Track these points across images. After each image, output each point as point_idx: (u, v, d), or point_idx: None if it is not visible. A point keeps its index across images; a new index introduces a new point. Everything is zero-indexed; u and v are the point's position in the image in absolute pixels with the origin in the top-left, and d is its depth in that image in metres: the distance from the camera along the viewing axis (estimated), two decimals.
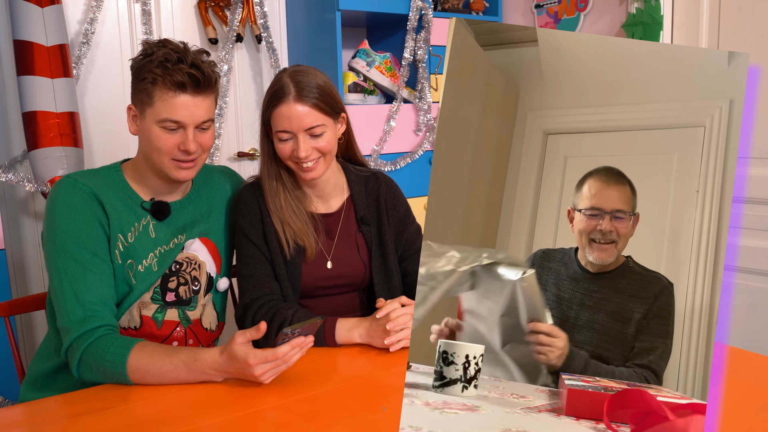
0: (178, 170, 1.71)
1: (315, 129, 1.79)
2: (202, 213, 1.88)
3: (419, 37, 3.37)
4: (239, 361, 1.46)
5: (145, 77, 1.64)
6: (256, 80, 3.43)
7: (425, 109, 3.43)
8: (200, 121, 1.69)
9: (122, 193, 1.75)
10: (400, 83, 3.36)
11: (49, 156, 2.60)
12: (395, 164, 3.36)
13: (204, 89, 1.67)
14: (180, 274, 1.82)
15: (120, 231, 1.70)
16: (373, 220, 2.00)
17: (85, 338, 1.56)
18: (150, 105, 1.65)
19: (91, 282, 1.62)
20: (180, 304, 1.82)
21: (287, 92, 1.78)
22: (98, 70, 3.03)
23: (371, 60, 3.35)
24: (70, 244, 1.62)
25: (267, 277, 1.87)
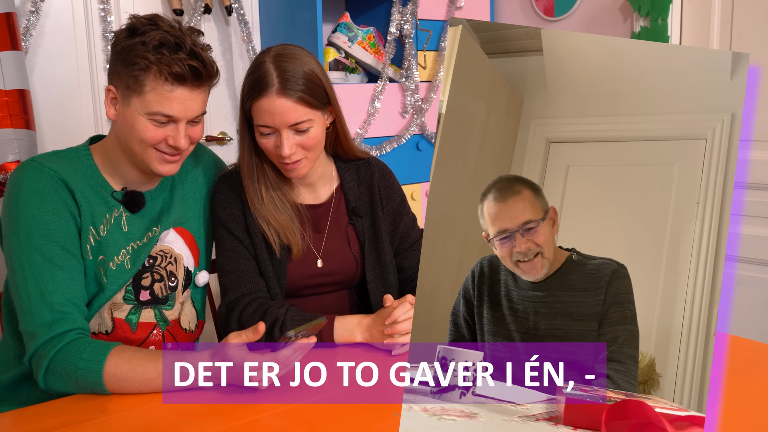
0: (162, 164, 1.71)
1: (300, 125, 1.79)
2: (174, 198, 1.88)
3: (406, 9, 3.41)
4: (234, 367, 1.44)
5: (135, 62, 1.61)
6: (225, 56, 3.44)
7: (412, 89, 3.48)
8: (194, 116, 1.69)
9: (92, 180, 1.73)
10: (385, 61, 3.40)
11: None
12: (381, 149, 3.42)
13: (203, 83, 1.67)
14: (154, 270, 1.81)
15: (92, 223, 1.69)
16: (366, 211, 2.03)
17: (53, 344, 1.54)
18: (139, 94, 1.63)
19: (60, 280, 1.60)
20: (156, 303, 1.81)
21: (270, 83, 1.77)
22: (49, 44, 3.03)
23: (353, 35, 3.38)
24: (36, 237, 1.60)
25: (251, 272, 1.90)
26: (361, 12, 3.67)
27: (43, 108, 3.03)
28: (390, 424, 1.36)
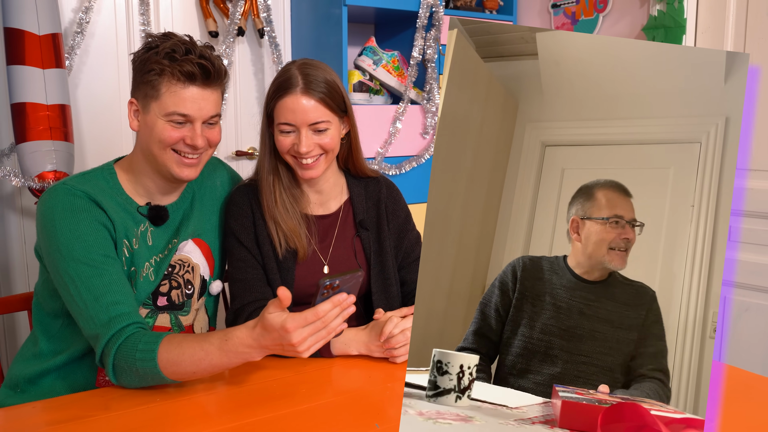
0: (181, 167, 1.75)
1: (319, 125, 1.86)
2: (194, 210, 1.92)
3: (429, 35, 3.45)
4: (275, 329, 1.42)
5: (151, 69, 1.68)
6: (257, 76, 3.52)
7: (433, 111, 3.51)
8: (208, 116, 1.73)
9: (119, 198, 1.77)
10: (408, 83, 3.44)
11: (38, 150, 2.68)
12: (400, 168, 3.44)
13: (213, 81, 1.72)
14: (173, 277, 1.84)
15: (125, 236, 1.74)
16: (373, 224, 2.05)
17: (114, 340, 1.57)
18: (156, 98, 1.69)
19: (109, 282, 1.63)
20: (172, 308, 1.85)
21: (294, 84, 1.85)
22: (92, 62, 3.13)
23: (378, 58, 3.43)
24: (77, 250, 1.64)
25: (259, 281, 1.93)
26: (387, 37, 3.74)
27: (84, 122, 3.11)
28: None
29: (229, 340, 1.49)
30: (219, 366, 1.52)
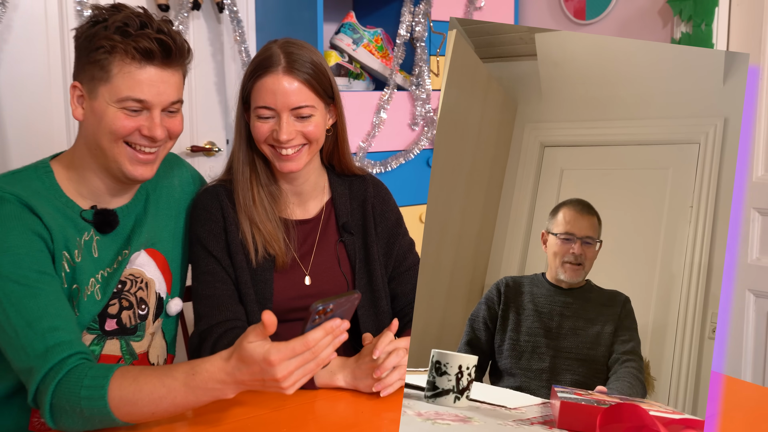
0: (134, 164, 1.79)
1: (303, 109, 1.99)
2: (147, 214, 1.97)
3: (418, 9, 3.51)
4: (256, 362, 1.44)
5: (99, 46, 1.70)
6: (215, 58, 3.56)
7: (423, 98, 3.57)
8: (169, 102, 1.78)
9: (56, 201, 1.80)
10: (394, 66, 3.50)
11: None
12: (386, 165, 3.51)
13: (174, 61, 1.77)
14: (123, 296, 1.88)
15: (65, 248, 1.77)
16: (358, 228, 2.19)
17: (52, 375, 1.57)
18: (105, 81, 1.72)
19: (45, 304, 1.65)
20: (123, 333, 1.89)
21: (276, 62, 1.98)
22: (16, 39, 3.16)
23: (359, 37, 3.48)
24: (6, 265, 1.66)
25: (230, 298, 2.02)
26: (368, 12, 3.76)
27: (9, 109, 3.15)
28: None
29: (197, 374, 1.51)
30: (184, 405, 1.55)
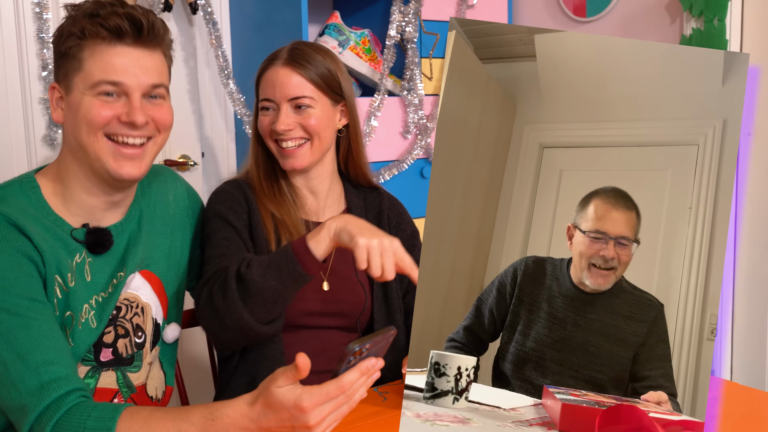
0: (118, 159, 1.65)
1: (301, 100, 2.00)
2: (142, 231, 1.85)
3: (407, 8, 3.31)
4: (286, 409, 1.34)
5: (71, 32, 1.62)
6: (188, 63, 3.32)
7: (416, 104, 3.37)
8: (148, 84, 1.66)
9: (45, 220, 1.66)
10: (383, 70, 3.29)
11: None
12: (377, 177, 3.26)
13: (149, 40, 1.66)
14: (118, 323, 1.77)
15: (57, 271, 1.64)
16: None
17: (49, 415, 1.46)
18: (78, 69, 1.63)
19: (38, 335, 1.53)
20: (119, 363, 1.77)
21: (278, 56, 2.03)
22: None
23: (344, 39, 3.28)
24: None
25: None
26: (354, 11, 3.56)
27: None
28: None
29: (216, 419, 1.40)
30: None
